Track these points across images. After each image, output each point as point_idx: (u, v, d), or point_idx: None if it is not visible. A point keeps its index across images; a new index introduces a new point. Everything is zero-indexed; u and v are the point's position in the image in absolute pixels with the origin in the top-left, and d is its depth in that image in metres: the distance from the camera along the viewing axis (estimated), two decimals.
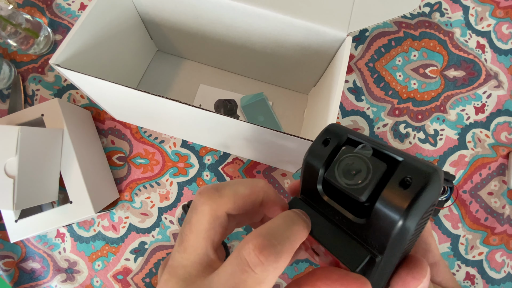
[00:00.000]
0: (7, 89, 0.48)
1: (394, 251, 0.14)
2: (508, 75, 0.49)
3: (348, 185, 0.14)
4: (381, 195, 0.13)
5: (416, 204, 0.12)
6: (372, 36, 0.50)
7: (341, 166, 0.15)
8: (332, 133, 0.16)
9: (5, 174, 0.32)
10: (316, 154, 0.16)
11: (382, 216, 0.13)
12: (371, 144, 0.15)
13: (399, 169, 0.13)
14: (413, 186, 0.12)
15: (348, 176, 0.14)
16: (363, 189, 0.13)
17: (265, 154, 0.39)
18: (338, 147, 0.16)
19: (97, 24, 0.33)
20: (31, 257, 0.44)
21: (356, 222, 0.14)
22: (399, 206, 0.12)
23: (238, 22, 0.36)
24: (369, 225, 0.14)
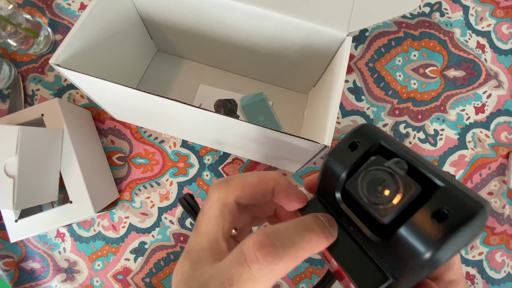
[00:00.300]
0: (7, 89, 0.48)
1: (410, 279, 0.12)
2: (508, 75, 0.49)
3: (371, 202, 0.12)
4: (409, 220, 0.11)
5: (449, 242, 0.10)
6: (372, 36, 0.50)
7: (367, 179, 0.13)
8: (362, 136, 0.14)
9: (5, 174, 0.32)
10: (340, 158, 0.14)
11: (405, 243, 0.11)
12: (407, 159, 0.13)
13: (436, 196, 0.11)
14: (450, 221, 0.10)
15: (373, 193, 0.12)
16: (387, 211, 0.12)
17: (265, 154, 0.39)
18: (366, 155, 0.14)
19: (97, 24, 0.33)
20: (31, 257, 0.44)
21: (373, 240, 0.13)
22: (429, 239, 0.10)
23: (238, 22, 0.36)
24: (388, 247, 0.12)
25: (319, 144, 0.27)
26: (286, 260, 0.13)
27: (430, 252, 0.10)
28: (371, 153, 0.14)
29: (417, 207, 0.11)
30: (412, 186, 0.12)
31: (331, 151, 0.15)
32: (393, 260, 0.12)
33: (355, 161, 0.14)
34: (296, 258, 0.13)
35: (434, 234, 0.10)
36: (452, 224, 0.10)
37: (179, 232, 0.45)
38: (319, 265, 0.44)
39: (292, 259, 0.13)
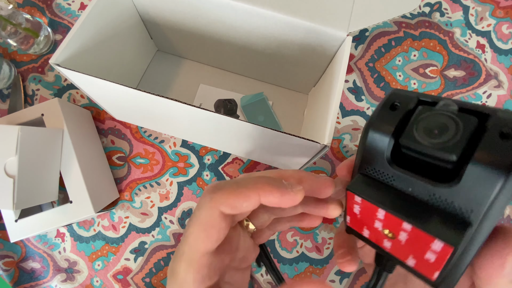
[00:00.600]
0: (7, 89, 0.48)
1: (492, 217, 0.12)
2: (508, 75, 0.49)
3: (434, 144, 0.12)
4: (477, 151, 0.11)
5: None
6: (372, 36, 0.50)
7: (422, 126, 0.13)
8: (399, 97, 0.14)
9: (5, 174, 0.32)
10: (383, 121, 0.14)
11: (480, 175, 0.11)
12: (453, 100, 0.13)
13: (492, 122, 0.11)
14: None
15: (433, 136, 0.12)
16: (454, 146, 0.12)
17: (265, 154, 0.39)
18: (410, 112, 0.14)
19: (97, 24, 0.33)
20: (31, 257, 0.44)
21: (441, 189, 0.12)
22: (504, 160, 0.11)
23: (238, 22, 0.36)
24: (458, 191, 0.12)
25: (319, 144, 0.27)
26: (224, 191, 0.16)
27: (510, 169, 0.11)
28: (413, 109, 0.14)
29: (477, 140, 0.11)
30: (470, 118, 0.12)
31: (371, 119, 0.15)
32: (470, 200, 0.12)
33: (401, 118, 0.14)
34: (236, 192, 0.16)
35: (508, 152, 0.11)
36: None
37: (179, 232, 0.45)
38: (319, 265, 0.44)
39: (231, 191, 0.16)
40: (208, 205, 0.16)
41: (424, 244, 0.13)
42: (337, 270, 0.44)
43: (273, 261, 0.19)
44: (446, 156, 0.12)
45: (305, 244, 0.44)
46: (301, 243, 0.44)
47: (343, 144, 0.47)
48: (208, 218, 0.16)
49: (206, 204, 0.16)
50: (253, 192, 0.16)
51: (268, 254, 0.19)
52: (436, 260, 0.13)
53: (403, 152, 0.14)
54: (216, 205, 0.16)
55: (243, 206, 0.16)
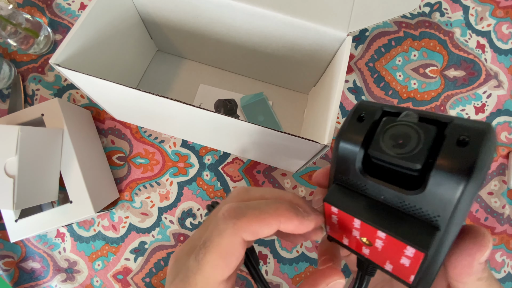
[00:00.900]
0: (7, 89, 0.48)
1: (457, 219, 0.13)
2: (508, 75, 0.49)
3: (400, 154, 0.13)
4: (438, 158, 0.12)
5: (479, 161, 0.11)
6: (372, 36, 0.50)
7: (387, 137, 0.14)
8: (365, 109, 0.15)
9: (5, 174, 0.32)
10: (351, 132, 0.15)
11: (443, 181, 0.12)
12: (413, 111, 0.14)
13: (450, 130, 0.12)
14: (472, 143, 0.11)
15: (397, 146, 0.13)
16: (417, 155, 0.12)
17: (265, 154, 0.39)
18: (375, 122, 0.15)
19: (97, 24, 0.33)
20: (31, 257, 0.44)
21: (409, 196, 0.13)
22: (462, 166, 0.11)
23: (238, 22, 0.36)
24: (425, 196, 0.13)
25: (319, 144, 0.27)
26: (248, 218, 0.15)
27: (469, 174, 0.11)
28: (379, 120, 0.15)
29: (438, 148, 0.12)
30: (429, 127, 0.13)
31: (340, 131, 0.16)
32: (436, 206, 0.12)
33: (368, 129, 0.15)
34: (258, 218, 0.15)
35: (465, 158, 0.11)
36: (476, 144, 0.11)
37: (179, 232, 0.45)
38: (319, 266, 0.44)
39: (254, 218, 0.15)
40: (231, 231, 0.15)
41: (398, 250, 0.13)
42: None
43: (257, 265, 0.19)
44: (411, 165, 0.13)
45: (305, 244, 0.44)
46: (301, 243, 0.44)
47: None
48: (230, 246, 0.15)
49: (228, 230, 0.15)
50: (275, 219, 0.15)
51: (251, 259, 0.19)
52: (410, 265, 0.14)
53: (373, 161, 0.15)
54: (239, 232, 0.15)
55: (264, 232, 0.16)
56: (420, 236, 0.13)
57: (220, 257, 0.15)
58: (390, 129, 0.14)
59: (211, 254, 0.15)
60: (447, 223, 0.12)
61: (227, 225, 0.15)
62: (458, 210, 0.12)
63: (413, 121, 0.13)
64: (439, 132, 0.13)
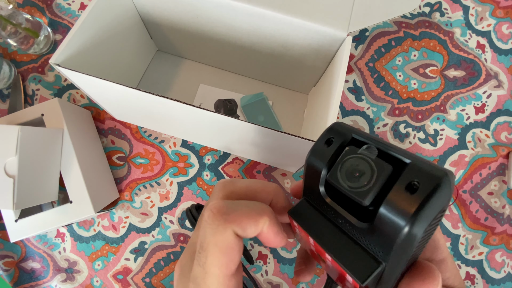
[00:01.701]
0: (7, 89, 0.48)
1: (399, 258, 0.13)
2: (508, 75, 0.49)
3: (351, 188, 0.13)
4: (385, 199, 0.12)
5: (423, 210, 0.11)
6: (372, 36, 0.50)
7: (344, 168, 0.14)
8: (335, 133, 0.16)
9: (5, 174, 0.32)
10: (318, 154, 0.15)
11: (386, 221, 0.12)
12: (376, 145, 0.14)
13: (406, 172, 0.12)
14: (421, 191, 0.11)
15: (351, 179, 0.13)
16: (366, 192, 0.13)
17: (265, 154, 0.39)
18: (342, 147, 0.15)
19: (97, 24, 0.33)
20: (31, 257, 0.44)
21: (359, 227, 0.14)
22: (405, 211, 0.11)
23: (238, 22, 0.36)
24: (373, 230, 0.13)
25: None
26: (238, 213, 0.16)
27: (409, 222, 0.11)
28: (345, 146, 0.15)
29: (391, 186, 0.12)
30: (384, 166, 0.13)
31: (311, 150, 0.16)
32: (380, 242, 0.13)
33: (332, 154, 0.15)
34: (248, 215, 0.16)
35: (409, 205, 0.11)
36: (423, 192, 0.11)
37: (179, 232, 0.45)
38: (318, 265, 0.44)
39: (243, 213, 0.16)
40: (223, 227, 0.15)
41: (342, 273, 0.14)
42: None
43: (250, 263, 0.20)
44: (359, 200, 0.13)
45: None
46: None
47: None
48: (227, 241, 0.15)
49: (220, 227, 0.15)
50: (262, 218, 0.16)
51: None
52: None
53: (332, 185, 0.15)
54: (231, 226, 0.15)
55: (251, 230, 0.16)
56: (360, 267, 0.13)
57: (221, 254, 0.15)
58: (348, 160, 0.14)
59: (211, 255, 0.15)
60: (390, 260, 0.13)
61: (219, 222, 0.15)
62: (400, 250, 0.12)
63: (371, 156, 0.13)
64: (396, 171, 0.13)
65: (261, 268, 0.44)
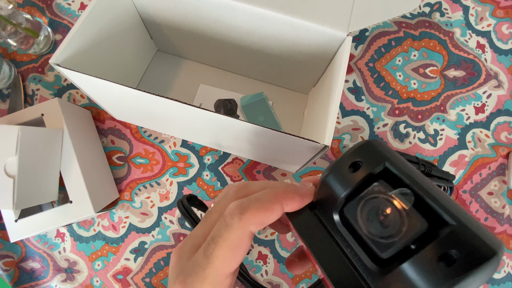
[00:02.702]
0: (7, 89, 0.48)
1: None
2: (508, 75, 0.49)
3: (371, 234, 0.11)
4: (413, 258, 0.10)
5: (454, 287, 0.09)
6: (372, 36, 0.50)
7: (367, 207, 0.12)
8: (365, 155, 0.13)
9: (5, 174, 0.32)
10: (339, 177, 0.13)
11: (406, 281, 0.10)
12: (414, 189, 0.11)
13: (446, 236, 0.10)
14: (458, 267, 0.09)
15: (373, 224, 0.11)
16: (387, 246, 0.11)
17: (265, 154, 0.39)
18: (369, 177, 0.12)
19: (97, 24, 0.33)
20: (31, 257, 0.44)
21: (369, 267, 0.12)
22: (432, 283, 0.10)
23: (238, 22, 0.36)
24: (385, 279, 0.11)
25: (319, 144, 0.27)
26: (251, 210, 0.16)
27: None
28: (374, 176, 0.12)
29: (422, 244, 0.10)
30: (418, 222, 0.10)
31: (331, 167, 0.14)
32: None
33: (356, 184, 0.12)
34: (261, 208, 0.16)
35: (439, 278, 0.10)
36: (460, 270, 0.09)
37: (179, 232, 0.45)
38: None
39: (256, 209, 0.16)
40: (238, 225, 0.16)
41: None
42: None
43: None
44: (378, 251, 0.11)
45: None
46: None
47: (343, 144, 0.47)
48: (238, 239, 0.16)
49: (235, 224, 0.16)
50: (277, 204, 0.16)
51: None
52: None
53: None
54: (246, 224, 0.16)
55: (270, 220, 0.16)
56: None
57: (229, 250, 0.16)
58: (374, 200, 0.12)
59: (220, 249, 0.16)
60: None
61: (233, 220, 0.16)
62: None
63: (404, 204, 0.11)
64: (431, 229, 0.10)
65: (261, 268, 0.44)
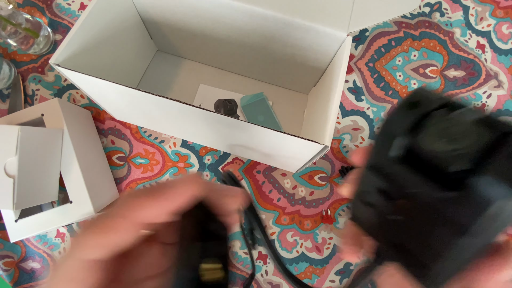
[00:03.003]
0: (7, 89, 0.48)
1: (486, 233, 0.12)
2: (508, 75, 0.49)
3: (445, 152, 0.12)
4: (491, 165, 0.11)
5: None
6: (372, 36, 0.50)
7: (435, 130, 0.12)
8: (420, 97, 0.14)
9: (5, 174, 0.32)
10: (398, 119, 0.14)
11: (484, 191, 0.11)
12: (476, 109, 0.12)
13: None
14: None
15: (445, 142, 0.12)
16: (464, 156, 0.11)
17: (265, 154, 0.39)
18: (428, 113, 0.13)
19: (97, 24, 0.33)
20: (31, 257, 0.44)
21: (443, 196, 0.12)
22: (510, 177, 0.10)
23: (238, 22, 0.36)
24: (461, 199, 0.12)
25: (319, 144, 0.27)
26: (152, 199, 0.13)
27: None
28: (431, 111, 0.13)
29: (491, 153, 0.11)
30: (487, 129, 0.11)
31: (390, 113, 0.14)
32: (468, 214, 0.12)
33: (418, 118, 0.13)
34: (160, 199, 0.13)
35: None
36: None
37: None
38: (319, 265, 0.44)
39: (156, 199, 0.13)
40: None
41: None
42: (337, 270, 0.44)
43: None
44: (458, 164, 0.12)
45: (305, 244, 0.44)
46: (301, 243, 0.44)
47: (343, 144, 0.47)
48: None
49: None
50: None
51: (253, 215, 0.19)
52: None
53: (413, 152, 0.13)
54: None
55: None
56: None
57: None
58: (440, 123, 0.12)
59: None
60: (477, 232, 0.12)
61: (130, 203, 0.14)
62: (492, 224, 0.11)
63: (470, 118, 0.12)
64: (500, 139, 0.11)
65: (261, 268, 0.44)
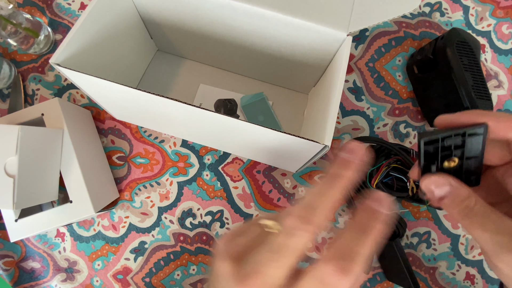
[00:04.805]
0: (7, 88, 0.48)
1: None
2: (508, 75, 0.49)
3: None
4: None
5: None
6: (372, 36, 0.50)
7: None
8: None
9: (5, 173, 0.32)
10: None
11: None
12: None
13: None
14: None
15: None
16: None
17: (265, 154, 0.39)
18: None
19: (97, 23, 0.33)
20: (31, 257, 0.45)
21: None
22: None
23: (238, 22, 0.36)
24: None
25: (319, 144, 0.28)
26: (358, 268, 0.15)
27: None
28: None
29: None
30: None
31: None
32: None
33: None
34: (365, 261, 0.15)
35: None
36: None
37: (179, 232, 0.45)
38: None
39: (363, 263, 0.15)
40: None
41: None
42: None
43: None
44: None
45: None
46: None
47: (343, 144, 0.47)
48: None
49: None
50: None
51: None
52: None
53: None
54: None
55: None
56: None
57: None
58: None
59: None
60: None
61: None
62: None
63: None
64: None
65: None
